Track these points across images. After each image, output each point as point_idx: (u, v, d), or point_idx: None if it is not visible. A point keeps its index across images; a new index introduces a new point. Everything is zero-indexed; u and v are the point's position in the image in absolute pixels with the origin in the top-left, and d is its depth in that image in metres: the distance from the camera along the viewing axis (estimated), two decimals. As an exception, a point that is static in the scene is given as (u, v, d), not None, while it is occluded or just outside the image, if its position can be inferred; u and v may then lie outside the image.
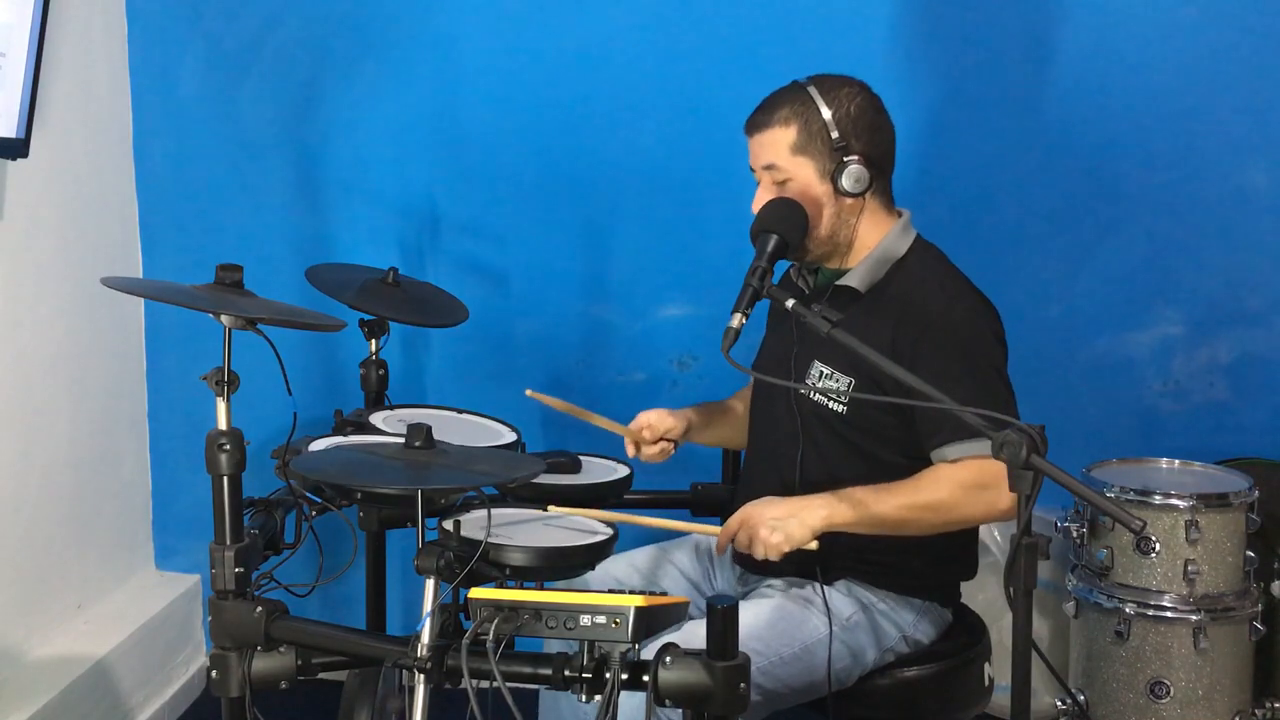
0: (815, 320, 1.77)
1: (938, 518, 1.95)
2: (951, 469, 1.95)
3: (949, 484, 1.94)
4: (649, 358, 3.10)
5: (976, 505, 1.94)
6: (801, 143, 2.04)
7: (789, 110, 2.05)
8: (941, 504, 1.94)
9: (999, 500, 1.91)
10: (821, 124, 2.03)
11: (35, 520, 2.76)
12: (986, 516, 1.97)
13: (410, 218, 3.11)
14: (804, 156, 2.05)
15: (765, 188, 2.09)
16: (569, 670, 1.57)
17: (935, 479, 1.95)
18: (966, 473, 1.93)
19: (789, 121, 2.04)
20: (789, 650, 1.97)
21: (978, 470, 1.92)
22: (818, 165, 2.04)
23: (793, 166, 2.05)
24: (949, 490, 1.94)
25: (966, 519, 1.98)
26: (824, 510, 1.92)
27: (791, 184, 2.06)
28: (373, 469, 1.84)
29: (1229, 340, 2.96)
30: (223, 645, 1.74)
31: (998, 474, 1.89)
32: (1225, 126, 2.88)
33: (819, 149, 2.04)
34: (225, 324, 1.74)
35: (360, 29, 3.06)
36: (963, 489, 1.93)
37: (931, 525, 1.96)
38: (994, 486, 1.89)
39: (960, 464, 1.94)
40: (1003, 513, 1.94)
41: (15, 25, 2.40)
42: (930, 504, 1.94)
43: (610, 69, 2.99)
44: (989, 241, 2.92)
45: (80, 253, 2.91)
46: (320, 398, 3.02)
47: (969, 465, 1.93)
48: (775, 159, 2.06)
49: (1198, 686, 2.45)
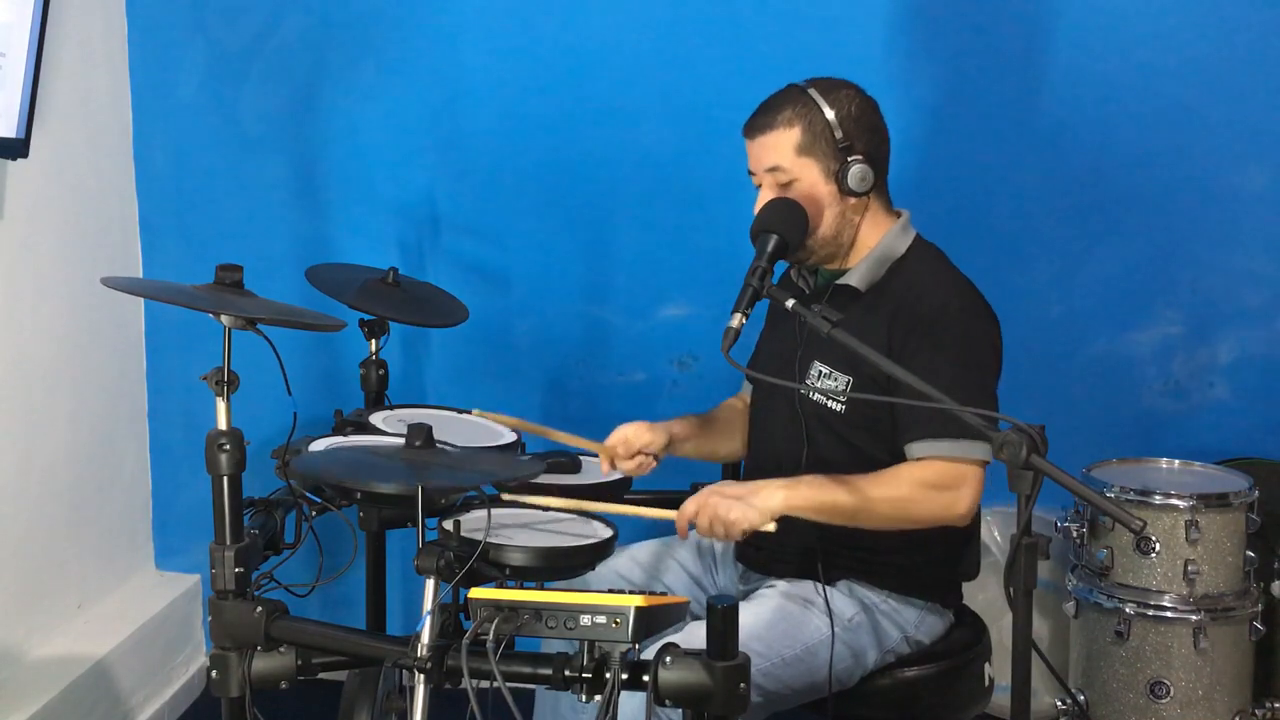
0: (816, 320, 1.77)
1: (893, 512, 1.95)
2: (913, 467, 1.96)
3: (908, 481, 1.95)
4: (649, 358, 3.10)
5: (933, 505, 1.94)
6: (806, 143, 2.04)
7: (792, 112, 2.05)
8: (898, 499, 1.94)
9: (956, 503, 1.93)
10: (825, 124, 2.03)
11: (35, 520, 2.76)
12: (941, 518, 1.96)
13: (410, 218, 3.11)
14: (809, 157, 2.04)
15: (768, 191, 2.08)
16: (569, 670, 1.57)
17: (896, 475, 1.96)
18: (928, 472, 1.94)
19: (792, 123, 2.04)
20: (790, 651, 1.97)
21: (939, 471, 1.93)
22: (822, 166, 2.04)
23: (798, 168, 2.05)
24: (908, 487, 1.94)
25: (920, 518, 1.96)
26: (782, 492, 1.92)
27: (797, 185, 2.05)
28: (373, 469, 1.84)
29: (1229, 340, 2.96)
30: (223, 645, 1.74)
31: (958, 477, 1.92)
32: (1225, 126, 2.89)
33: (824, 149, 2.04)
34: (225, 324, 1.74)
35: (360, 29, 3.06)
36: (921, 487, 1.94)
37: (886, 519, 1.96)
38: (953, 489, 1.92)
39: (923, 463, 1.95)
40: (958, 516, 1.95)
41: (15, 25, 2.40)
42: (886, 498, 1.94)
43: (610, 69, 2.99)
44: (989, 241, 2.92)
45: (80, 253, 2.91)
46: (320, 398, 3.02)
47: (932, 465, 1.94)
48: (780, 161, 2.05)
49: (1198, 686, 2.45)
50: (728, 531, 1.91)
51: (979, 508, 2.01)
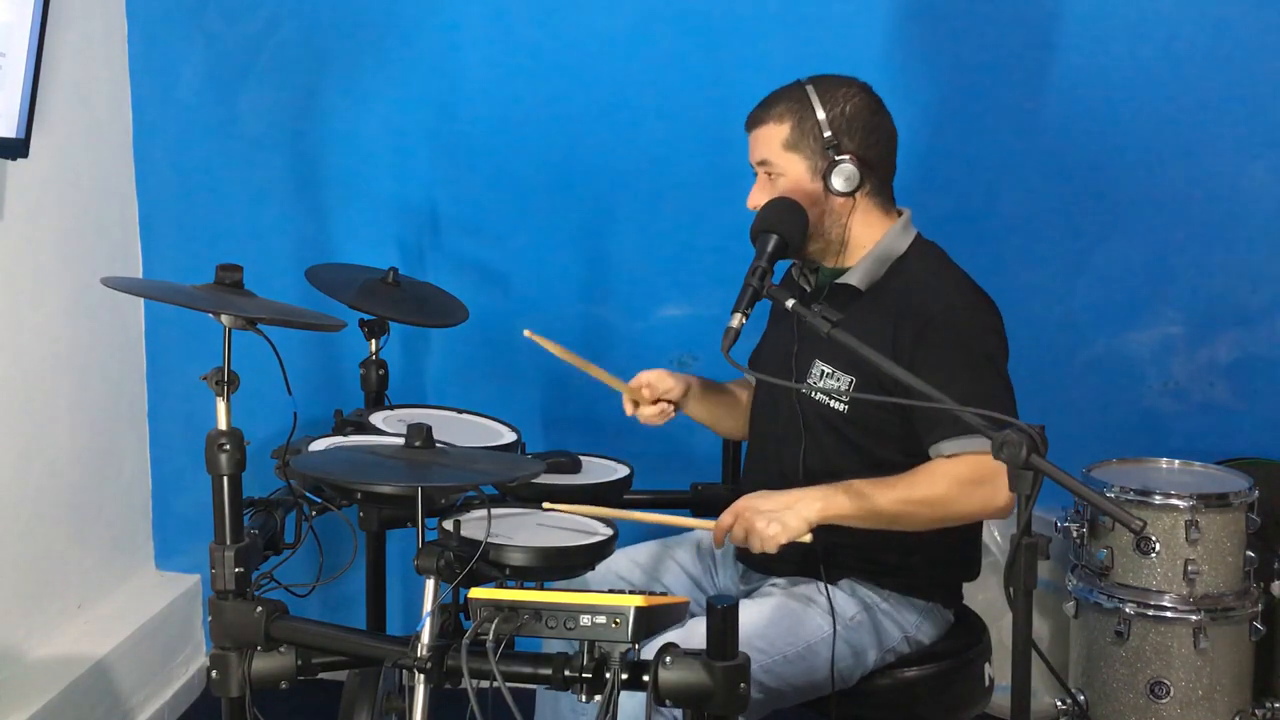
0: (815, 320, 1.78)
1: (934, 512, 1.95)
2: (948, 464, 1.95)
3: (945, 479, 1.94)
4: (649, 358, 3.08)
5: (973, 500, 1.94)
6: (793, 140, 2.08)
7: (784, 107, 2.09)
8: (938, 499, 1.94)
9: (995, 496, 1.92)
10: (814, 123, 2.06)
11: (35, 520, 2.76)
12: (983, 512, 1.97)
13: (410, 218, 3.11)
14: (795, 154, 2.08)
15: (760, 183, 2.14)
16: (569, 670, 1.57)
17: (932, 474, 1.96)
18: (963, 468, 1.94)
19: (783, 118, 2.09)
20: (791, 649, 1.97)
21: (974, 466, 1.92)
22: (809, 163, 2.08)
23: (784, 162, 2.09)
24: (945, 485, 1.94)
25: (962, 514, 1.98)
26: (819, 502, 1.92)
27: (783, 180, 2.09)
28: (373, 469, 1.84)
29: (1229, 340, 2.96)
30: (223, 645, 1.74)
31: (994, 470, 1.90)
32: (1225, 126, 2.88)
33: (810, 147, 2.07)
34: (225, 324, 1.74)
35: (360, 29, 3.05)
36: (959, 484, 1.94)
37: (928, 520, 1.96)
38: (990, 482, 1.90)
39: (957, 459, 1.95)
40: (999, 509, 1.94)
41: (15, 25, 2.40)
42: (926, 498, 1.94)
43: (610, 69, 2.99)
44: (989, 241, 2.92)
45: (80, 253, 2.91)
46: (320, 398, 3.02)
47: (966, 460, 1.94)
48: (768, 154, 2.10)
49: (1198, 686, 2.45)
50: (764, 545, 1.90)
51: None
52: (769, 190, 2.10)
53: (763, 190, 2.12)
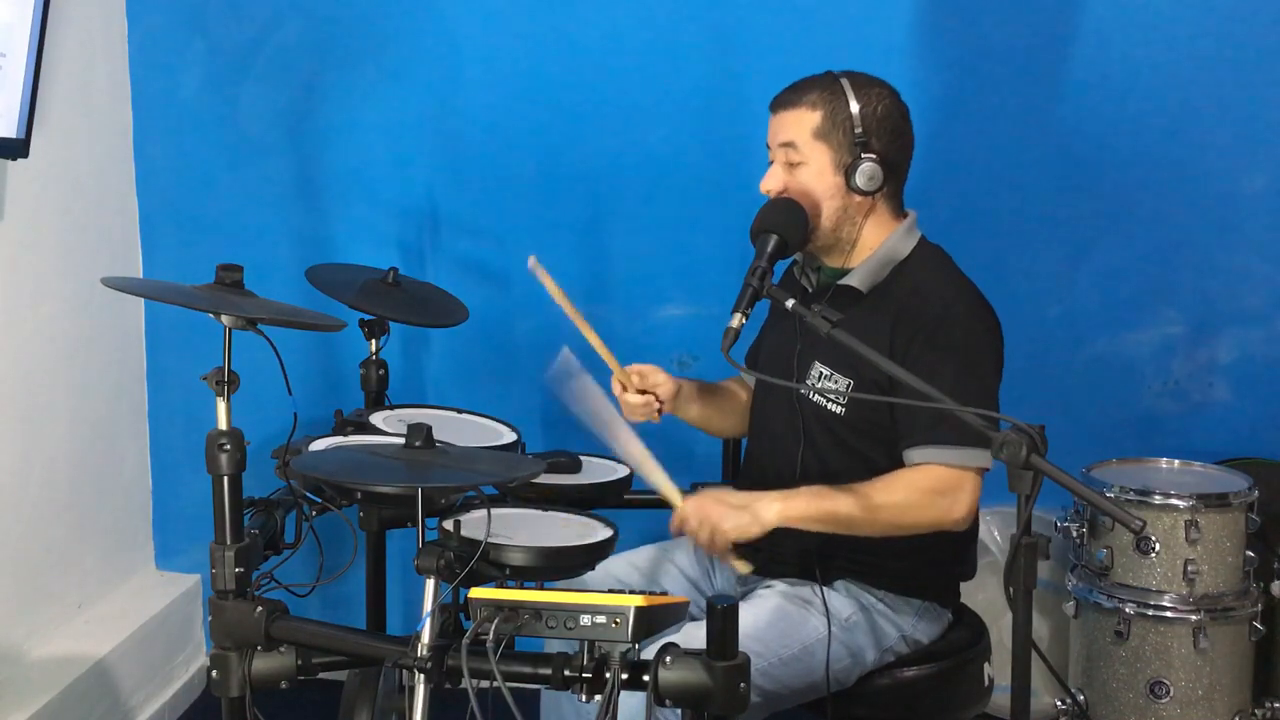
0: (815, 320, 1.78)
1: (890, 518, 1.95)
2: (911, 473, 1.97)
3: (906, 487, 1.95)
4: (649, 358, 3.03)
5: (930, 511, 1.95)
6: (824, 129, 2.04)
7: (818, 95, 2.05)
8: (895, 505, 1.94)
9: (953, 508, 1.94)
10: (847, 115, 2.03)
11: (35, 520, 2.76)
12: (938, 523, 1.96)
13: (410, 218, 3.11)
14: (823, 143, 2.05)
15: (777, 167, 2.09)
16: (569, 670, 1.57)
17: (893, 481, 1.97)
18: (925, 478, 1.95)
19: (816, 106, 2.05)
20: (789, 651, 1.97)
21: (936, 477, 1.94)
22: (834, 155, 2.05)
23: (810, 150, 2.05)
24: (905, 493, 1.95)
25: (918, 524, 1.97)
26: (778, 504, 1.93)
27: (804, 168, 2.06)
28: (373, 469, 1.84)
29: (1229, 340, 2.96)
30: (223, 645, 1.74)
31: (956, 482, 1.93)
32: (1225, 127, 2.88)
33: (839, 139, 2.04)
34: (225, 324, 1.74)
35: (360, 29, 3.05)
36: (919, 493, 1.95)
37: (885, 526, 1.96)
38: (949, 494, 1.93)
39: (920, 469, 1.96)
40: (955, 521, 1.95)
41: (15, 25, 2.40)
42: (884, 504, 1.94)
43: (610, 69, 2.99)
44: (990, 241, 2.92)
45: (80, 253, 2.91)
46: (320, 398, 3.02)
47: (929, 470, 1.95)
48: (795, 138, 2.06)
49: (1198, 686, 2.45)
50: (713, 540, 1.92)
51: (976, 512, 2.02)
52: (785, 176, 2.07)
53: (778, 175, 2.08)
